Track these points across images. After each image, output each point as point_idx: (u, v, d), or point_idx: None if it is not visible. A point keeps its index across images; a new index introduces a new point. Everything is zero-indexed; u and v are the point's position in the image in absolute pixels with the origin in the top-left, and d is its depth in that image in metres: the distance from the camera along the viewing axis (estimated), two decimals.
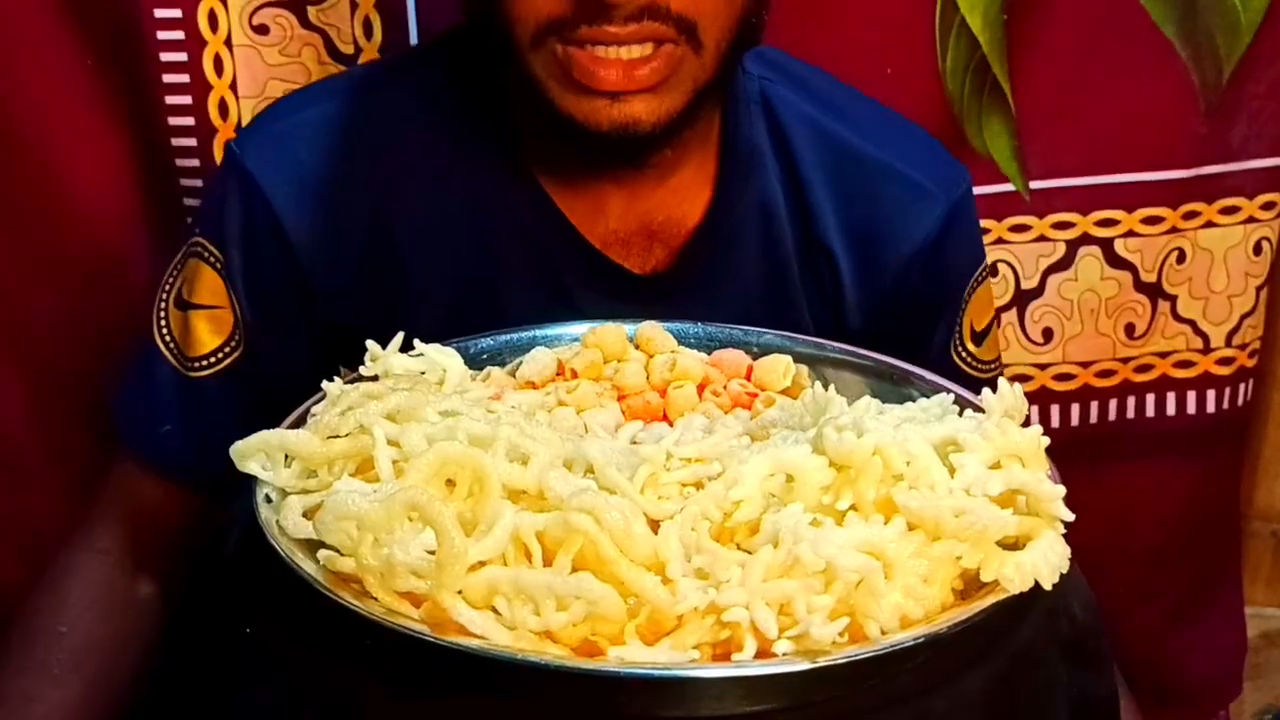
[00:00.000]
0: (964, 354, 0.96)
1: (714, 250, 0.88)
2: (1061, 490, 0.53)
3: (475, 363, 0.72)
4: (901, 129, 0.96)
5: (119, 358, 1.10)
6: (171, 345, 0.89)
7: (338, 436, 0.58)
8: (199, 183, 1.09)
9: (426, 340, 0.68)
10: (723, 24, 0.77)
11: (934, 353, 0.94)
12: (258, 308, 0.88)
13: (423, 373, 0.66)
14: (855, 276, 0.90)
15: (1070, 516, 0.53)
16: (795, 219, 0.90)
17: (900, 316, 0.92)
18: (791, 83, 0.91)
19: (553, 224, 0.86)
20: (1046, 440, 0.56)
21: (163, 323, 0.90)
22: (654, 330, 0.75)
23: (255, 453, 0.57)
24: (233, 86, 1.07)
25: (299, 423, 0.62)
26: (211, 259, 0.87)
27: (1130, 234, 1.25)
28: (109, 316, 1.10)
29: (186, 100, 1.07)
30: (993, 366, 0.99)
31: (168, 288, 0.91)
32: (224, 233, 0.87)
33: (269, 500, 0.57)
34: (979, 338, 0.96)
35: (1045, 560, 0.51)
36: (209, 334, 0.88)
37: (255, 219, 0.86)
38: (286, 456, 0.58)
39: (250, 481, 0.57)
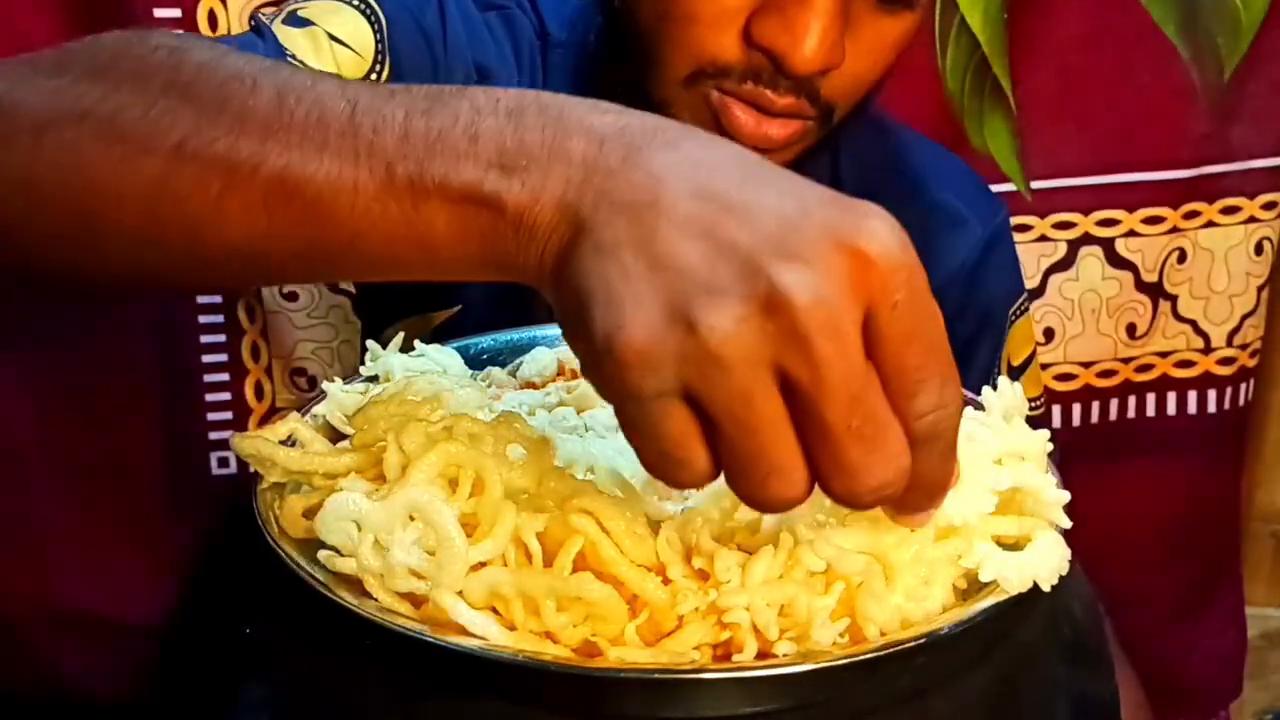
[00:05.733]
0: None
1: None
2: (1065, 496, 0.53)
3: (475, 363, 0.72)
4: (942, 159, 0.97)
5: (119, 356, 1.10)
6: (300, 65, 0.73)
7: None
8: None
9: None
10: (850, 105, 0.78)
11: (970, 389, 0.92)
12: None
13: (422, 373, 0.66)
14: None
15: (1068, 524, 0.53)
16: None
17: None
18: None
19: None
20: (1050, 446, 0.56)
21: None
22: None
23: (255, 452, 0.57)
24: None
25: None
26: (368, 12, 0.77)
27: (1131, 234, 1.25)
28: (109, 315, 1.10)
29: None
30: (1033, 405, 0.97)
31: (266, 22, 0.76)
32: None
33: (269, 500, 0.56)
34: (1016, 372, 0.95)
35: (1045, 561, 0.51)
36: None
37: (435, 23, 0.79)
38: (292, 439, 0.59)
39: (250, 481, 0.57)
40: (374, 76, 0.74)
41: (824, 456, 0.41)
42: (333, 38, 0.74)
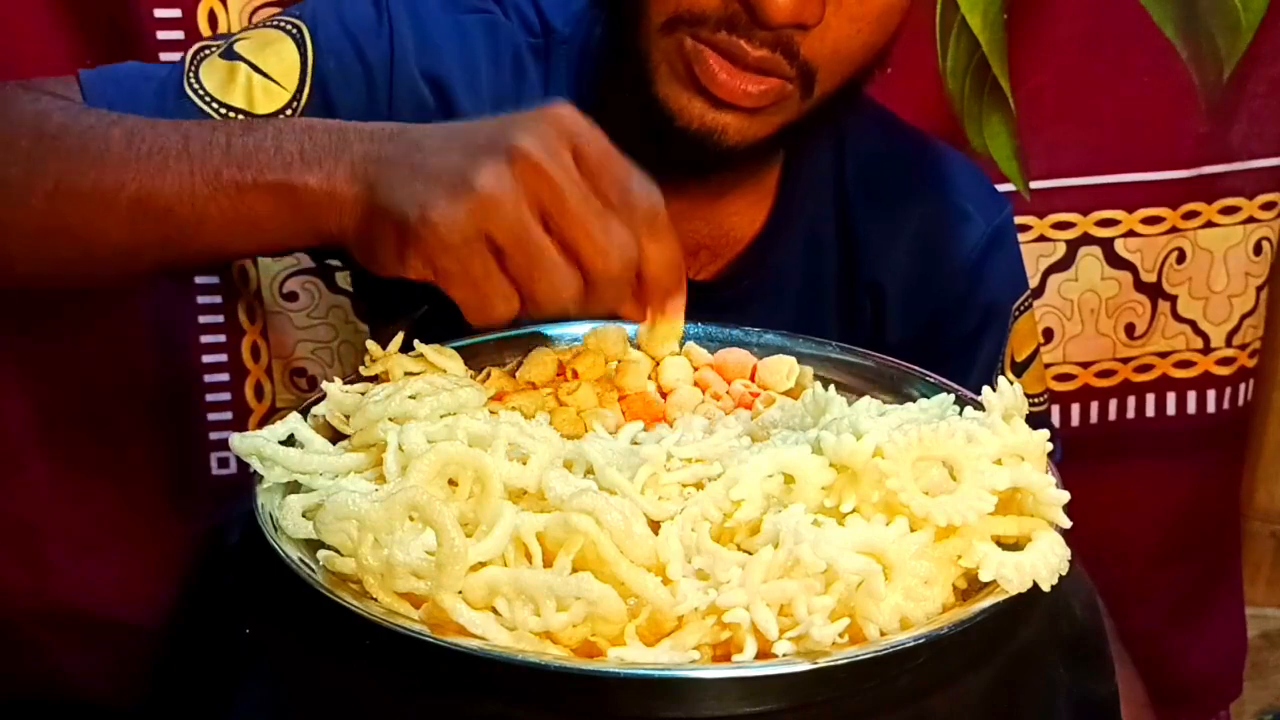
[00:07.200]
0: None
1: (759, 272, 0.89)
2: (1065, 496, 0.53)
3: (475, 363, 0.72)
4: (947, 156, 0.97)
5: (119, 356, 1.10)
6: (200, 91, 0.79)
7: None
8: None
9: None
10: (836, 79, 0.77)
11: (975, 383, 0.93)
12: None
13: (421, 373, 0.66)
14: (899, 304, 0.91)
15: (1068, 524, 0.53)
16: (842, 253, 0.91)
17: (940, 341, 0.92)
18: (852, 113, 0.91)
19: None
20: (1050, 446, 0.56)
21: (193, 77, 0.80)
22: None
23: (255, 452, 0.57)
24: None
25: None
26: (295, 32, 0.82)
27: (1130, 234, 1.25)
28: (110, 315, 1.10)
29: None
30: (1036, 401, 0.98)
31: (205, 53, 0.81)
32: (344, 24, 0.82)
33: (269, 500, 0.56)
34: (1019, 368, 0.96)
35: (1045, 561, 0.51)
36: (260, 98, 0.80)
37: (379, 45, 0.82)
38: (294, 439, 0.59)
39: (251, 481, 0.57)
40: (294, 104, 0.81)
41: (581, 242, 0.58)
42: (259, 70, 0.80)
